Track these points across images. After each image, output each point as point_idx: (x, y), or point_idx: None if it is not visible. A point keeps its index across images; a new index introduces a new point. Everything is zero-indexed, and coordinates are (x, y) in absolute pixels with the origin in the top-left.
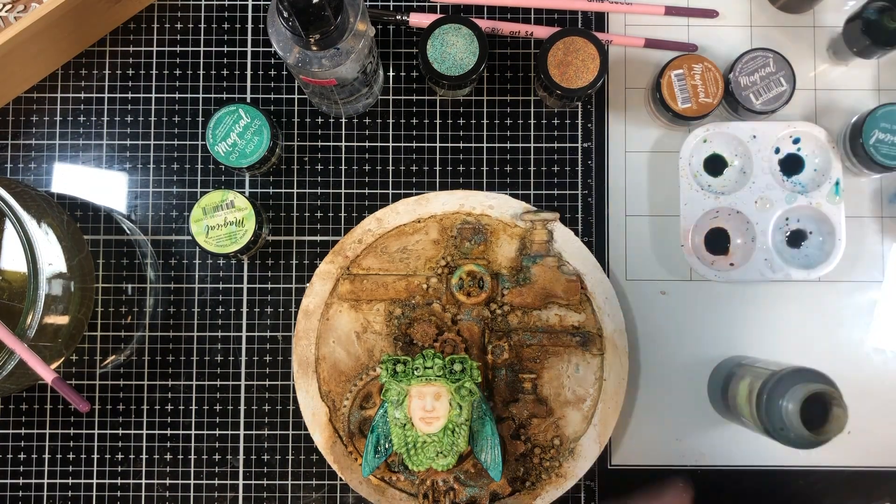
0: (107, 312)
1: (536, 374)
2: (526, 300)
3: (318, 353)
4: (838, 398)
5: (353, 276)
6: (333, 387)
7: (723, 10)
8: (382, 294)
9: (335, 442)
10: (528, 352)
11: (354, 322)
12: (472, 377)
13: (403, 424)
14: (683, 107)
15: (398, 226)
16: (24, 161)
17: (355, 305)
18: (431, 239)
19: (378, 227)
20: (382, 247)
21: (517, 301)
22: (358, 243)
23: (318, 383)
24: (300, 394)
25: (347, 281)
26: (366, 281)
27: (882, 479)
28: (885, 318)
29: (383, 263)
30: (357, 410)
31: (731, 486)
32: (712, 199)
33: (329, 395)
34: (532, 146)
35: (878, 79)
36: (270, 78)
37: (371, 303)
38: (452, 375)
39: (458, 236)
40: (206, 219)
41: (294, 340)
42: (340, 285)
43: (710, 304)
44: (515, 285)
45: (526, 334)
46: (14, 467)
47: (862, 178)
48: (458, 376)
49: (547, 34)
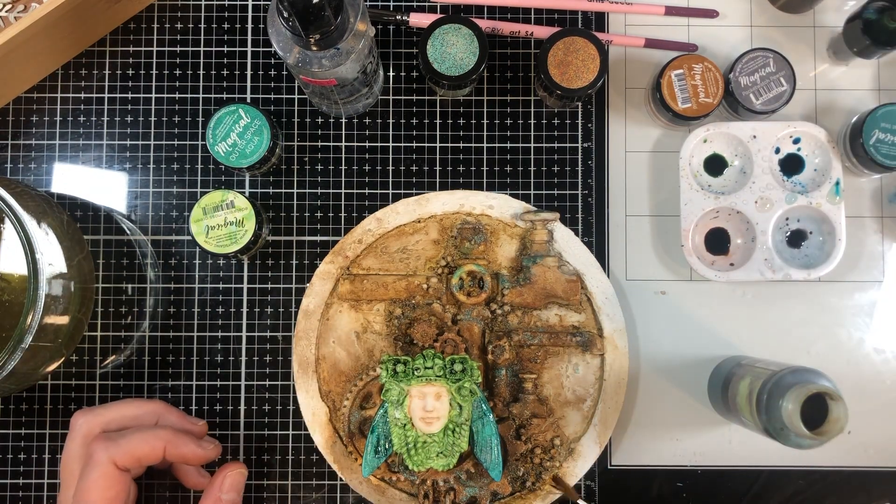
0: (107, 312)
1: (537, 374)
2: (526, 300)
3: (319, 353)
4: (838, 398)
5: (353, 276)
6: (333, 387)
7: (723, 10)
8: (382, 294)
9: (335, 442)
10: (528, 352)
11: (354, 322)
12: (473, 377)
13: (404, 424)
14: (683, 107)
15: (398, 226)
16: (24, 161)
17: (355, 305)
18: (431, 239)
19: (378, 228)
20: (382, 247)
21: (517, 301)
22: (358, 243)
23: (319, 383)
24: (300, 394)
25: (347, 281)
26: (366, 281)
27: (882, 479)
28: (885, 318)
29: (383, 263)
30: (357, 410)
31: (731, 486)
32: (712, 199)
33: (329, 395)
34: (532, 146)
35: (878, 79)
36: (270, 78)
37: (371, 303)
38: (453, 375)
39: (458, 236)
40: (206, 219)
41: (294, 340)
42: (340, 285)
43: (710, 304)
44: (515, 285)
45: (526, 334)
46: (14, 467)
47: (862, 178)
48: (458, 376)
49: (547, 34)
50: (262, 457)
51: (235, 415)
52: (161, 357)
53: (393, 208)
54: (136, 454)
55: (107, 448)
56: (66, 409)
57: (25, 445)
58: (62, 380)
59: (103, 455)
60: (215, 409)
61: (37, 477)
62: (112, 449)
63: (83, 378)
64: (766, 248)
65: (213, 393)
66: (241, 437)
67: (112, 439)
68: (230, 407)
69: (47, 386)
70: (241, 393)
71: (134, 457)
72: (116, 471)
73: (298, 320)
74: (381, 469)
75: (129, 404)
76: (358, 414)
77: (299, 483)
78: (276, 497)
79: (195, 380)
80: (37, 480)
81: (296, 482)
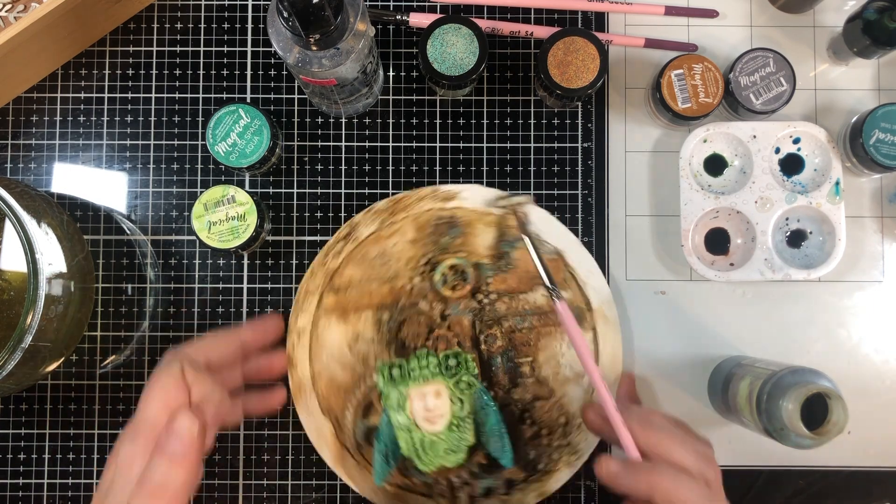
0: (107, 312)
1: (532, 356)
2: (511, 285)
3: (313, 370)
4: (838, 398)
5: (336, 288)
6: (333, 401)
7: (723, 10)
8: (368, 301)
9: (344, 457)
10: (520, 336)
11: (344, 334)
12: (469, 370)
13: (408, 427)
14: (683, 107)
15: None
16: (24, 161)
17: (343, 317)
18: (408, 239)
19: (354, 234)
20: (361, 254)
21: (502, 287)
22: (337, 255)
23: (318, 400)
24: (302, 415)
25: (331, 293)
26: (350, 291)
27: (882, 479)
28: (885, 318)
29: (365, 271)
30: (361, 420)
31: (731, 486)
32: (712, 199)
33: (331, 410)
34: (532, 146)
35: (878, 79)
36: (270, 78)
37: (358, 311)
38: (449, 371)
39: (435, 232)
40: (208, 214)
41: (289, 368)
42: (325, 298)
43: (710, 304)
44: (498, 272)
45: (516, 318)
46: (14, 467)
47: (862, 178)
48: (454, 371)
49: (547, 34)
50: (261, 457)
51: None
52: (161, 357)
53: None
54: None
55: (183, 358)
56: (65, 409)
57: (25, 445)
58: (62, 380)
59: (177, 363)
60: None
61: (37, 477)
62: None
63: (83, 378)
64: (766, 248)
65: None
66: (241, 437)
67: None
68: None
69: (47, 386)
70: None
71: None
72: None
73: (290, 343)
74: (394, 475)
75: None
76: (362, 424)
77: (299, 483)
78: (276, 497)
79: None
80: (37, 480)
81: (296, 482)
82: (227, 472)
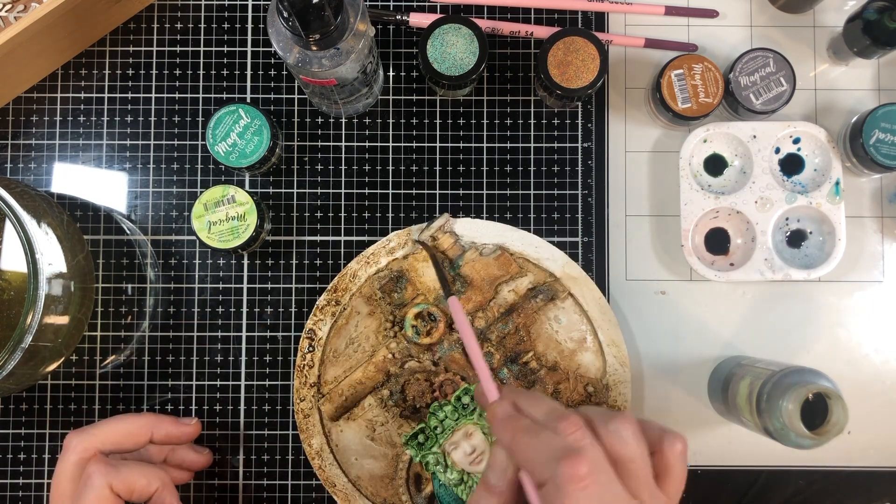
0: (107, 312)
1: (532, 350)
2: (477, 300)
3: (351, 477)
4: (838, 398)
5: (327, 395)
6: (384, 493)
7: (723, 10)
8: (362, 389)
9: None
10: (511, 339)
11: (359, 429)
12: None
13: (461, 479)
14: (683, 107)
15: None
16: (24, 161)
17: (349, 416)
18: (365, 314)
19: (316, 339)
20: (332, 353)
21: (470, 306)
22: (310, 367)
23: (370, 499)
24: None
25: (326, 402)
26: (340, 390)
27: (882, 479)
28: (885, 318)
29: (343, 364)
30: (417, 496)
31: (731, 486)
32: (712, 199)
33: (387, 501)
34: (532, 146)
35: (878, 79)
36: (270, 78)
37: (359, 403)
38: (467, 410)
39: (385, 294)
40: (208, 214)
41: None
42: (323, 410)
43: (710, 304)
44: (460, 295)
45: (499, 326)
46: (14, 467)
47: (862, 178)
48: (472, 406)
49: (547, 34)
50: (262, 457)
51: (235, 415)
52: (161, 357)
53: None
54: (132, 486)
55: (106, 473)
56: (65, 409)
57: (25, 445)
58: (62, 380)
59: (101, 479)
60: (215, 409)
61: (37, 477)
62: (111, 475)
63: (83, 378)
64: (766, 248)
65: (213, 393)
66: (241, 437)
67: (112, 465)
68: (230, 407)
69: (47, 386)
70: (241, 393)
71: (130, 488)
72: (112, 495)
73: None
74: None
75: (121, 421)
76: (420, 498)
77: (299, 483)
78: (276, 497)
79: (195, 380)
80: (37, 480)
81: (296, 482)
82: (227, 472)
